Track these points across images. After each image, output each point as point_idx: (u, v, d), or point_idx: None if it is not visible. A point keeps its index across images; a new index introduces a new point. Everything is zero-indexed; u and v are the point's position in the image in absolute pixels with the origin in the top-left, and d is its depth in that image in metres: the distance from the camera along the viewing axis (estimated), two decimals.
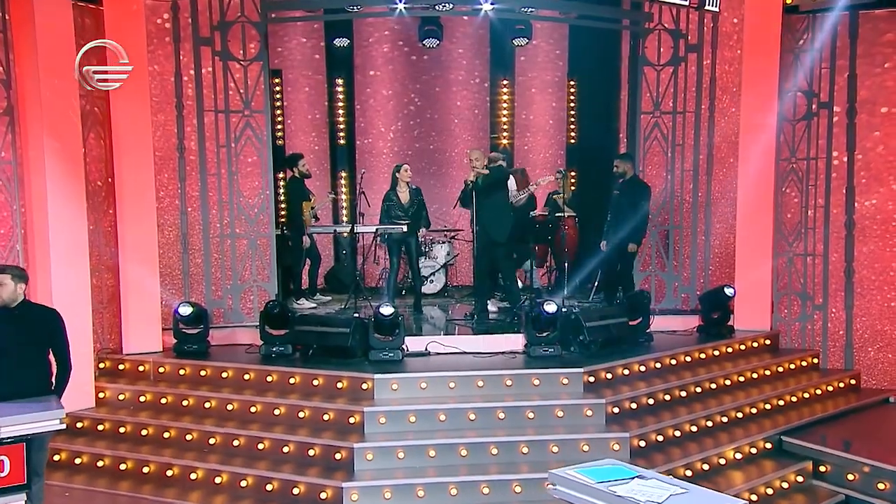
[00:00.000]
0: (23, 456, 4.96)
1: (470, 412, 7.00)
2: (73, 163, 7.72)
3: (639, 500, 3.63)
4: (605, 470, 4.05)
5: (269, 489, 6.56)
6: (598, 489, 3.81)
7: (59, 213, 7.58)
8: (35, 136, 7.55)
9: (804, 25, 9.41)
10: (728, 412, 7.70)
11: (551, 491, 4.15)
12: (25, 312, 5.58)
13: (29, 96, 7.54)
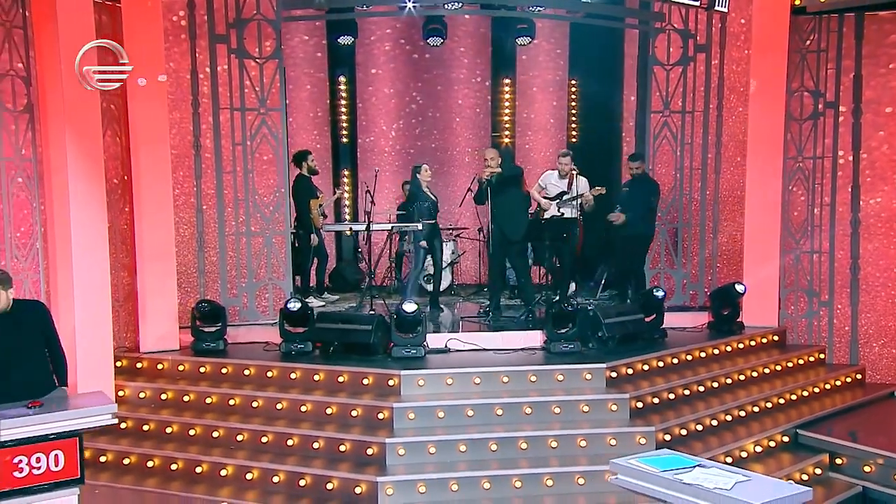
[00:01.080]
0: (76, 450, 5.07)
1: (497, 407, 7.14)
2: (94, 161, 7.75)
3: (708, 488, 3.81)
4: (664, 459, 4.23)
5: (301, 484, 6.67)
6: (665, 477, 3.99)
7: (80, 211, 7.60)
8: (56, 134, 7.58)
9: (811, 27, 9.66)
10: (744, 406, 7.91)
11: (613, 480, 4.31)
12: (16, 312, 5.59)
13: (50, 94, 7.57)
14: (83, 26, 7.59)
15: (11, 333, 5.50)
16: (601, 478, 6.61)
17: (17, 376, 5.50)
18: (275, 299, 9.14)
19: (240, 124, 8.98)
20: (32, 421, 4.95)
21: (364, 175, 12.77)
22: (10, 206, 7.47)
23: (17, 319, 5.55)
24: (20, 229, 7.58)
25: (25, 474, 4.93)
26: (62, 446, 5.03)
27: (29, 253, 7.64)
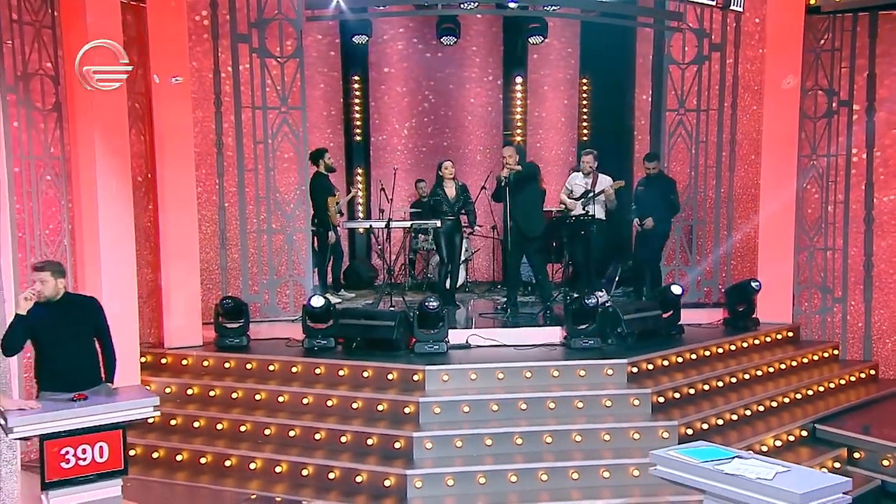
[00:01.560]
0: (120, 442, 5.20)
1: (521, 402, 7.28)
2: (121, 159, 7.89)
3: (750, 477, 3.94)
4: (703, 451, 4.37)
5: (330, 477, 6.80)
6: (706, 468, 4.12)
7: (108, 208, 7.73)
8: (84, 133, 7.70)
9: (825, 26, 9.80)
10: (762, 401, 8.06)
11: (653, 471, 4.44)
12: (68, 304, 5.71)
13: (78, 93, 7.67)
14: (111, 26, 7.72)
15: (60, 323, 5.61)
16: (626, 471, 6.78)
17: (62, 365, 5.60)
18: (295, 296, 9.27)
19: (261, 123, 9.11)
20: (78, 413, 5.09)
21: (377, 173, 12.92)
22: (40, 203, 7.56)
23: (67, 311, 5.67)
24: (49, 226, 7.68)
25: (72, 465, 5.06)
26: (106, 438, 5.17)
27: (57, 250, 7.73)
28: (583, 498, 6.58)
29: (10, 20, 7.24)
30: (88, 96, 7.64)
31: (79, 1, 7.56)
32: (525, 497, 6.58)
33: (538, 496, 6.60)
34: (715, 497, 4.16)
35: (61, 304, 5.65)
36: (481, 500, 6.54)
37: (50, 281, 5.54)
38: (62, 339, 5.62)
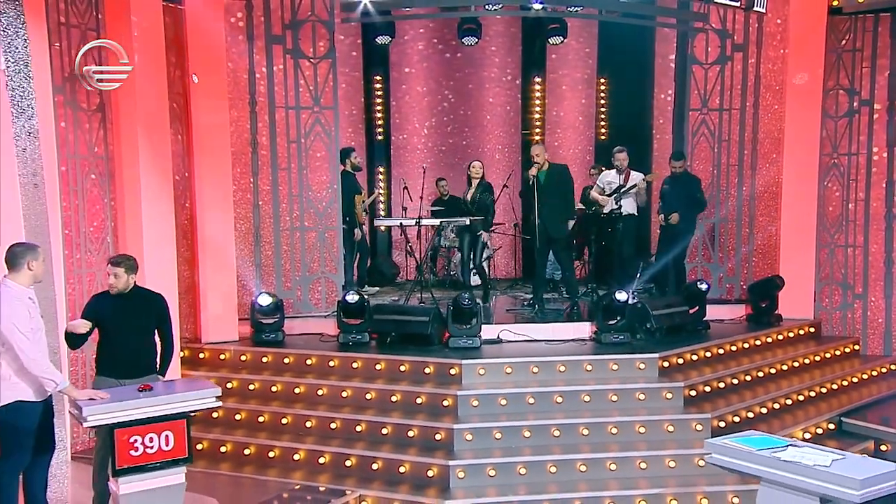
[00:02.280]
0: (184, 431, 5.38)
1: (556, 395, 7.48)
2: (163, 158, 8.11)
3: (808, 464, 4.13)
4: (756, 439, 4.57)
5: (374, 468, 7.01)
6: (763, 456, 4.31)
7: (151, 207, 7.96)
8: (128, 133, 7.91)
9: (846, 26, 10.00)
10: (789, 395, 8.27)
11: (708, 459, 4.63)
12: (136, 297, 5.93)
13: (122, 94, 7.89)
14: (153, 28, 7.96)
15: (127, 314, 5.83)
16: (662, 462, 6.99)
17: (122, 354, 5.80)
18: (327, 292, 9.46)
19: (294, 122, 9.31)
20: (146, 403, 5.27)
21: (397, 172, 13.12)
22: (85, 201, 7.76)
23: (134, 304, 5.87)
24: (93, 224, 7.87)
25: (140, 453, 5.24)
26: (172, 427, 5.34)
27: (101, 247, 7.94)
28: (620, 488, 6.78)
29: (58, 23, 7.42)
30: (132, 97, 7.87)
31: (123, 4, 7.78)
32: (565, 487, 6.78)
33: (577, 486, 6.81)
34: (772, 483, 4.35)
35: (130, 296, 5.88)
36: (522, 489, 6.74)
37: (123, 276, 5.77)
38: (126, 329, 5.82)
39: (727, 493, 6.78)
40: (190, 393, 5.47)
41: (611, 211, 9.54)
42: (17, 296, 5.19)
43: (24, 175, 6.94)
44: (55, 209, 7.21)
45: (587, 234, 9.82)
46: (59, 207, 7.25)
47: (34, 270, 5.31)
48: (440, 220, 10.46)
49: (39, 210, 7.06)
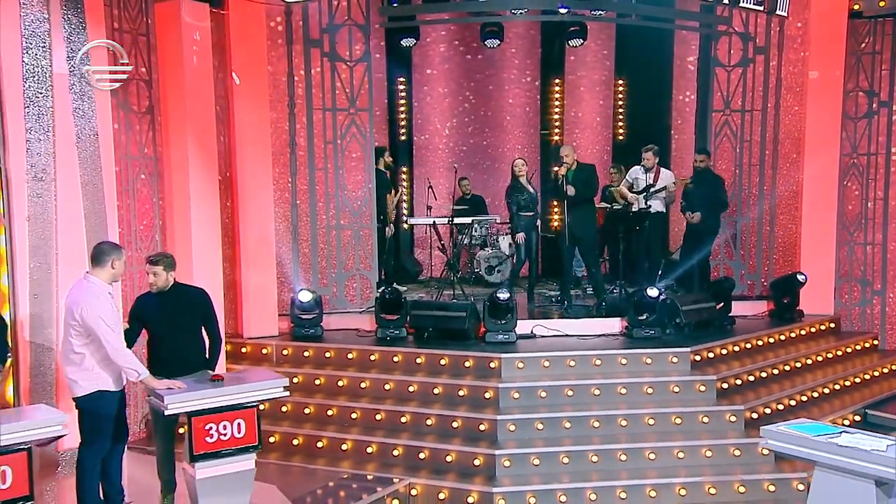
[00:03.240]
0: (255, 419, 5.64)
1: (593, 388, 7.74)
2: (209, 159, 8.36)
3: (865, 448, 4.38)
4: (810, 426, 4.83)
5: (421, 457, 7.25)
6: (819, 441, 4.56)
7: (198, 206, 8.22)
8: (177, 134, 8.16)
9: (866, 30, 10.28)
10: (816, 388, 8.54)
11: (764, 444, 4.89)
12: (178, 294, 6.08)
13: (171, 96, 8.14)
14: (201, 32, 8.19)
15: (169, 311, 5.99)
16: (698, 452, 7.26)
17: (169, 350, 5.98)
18: (362, 289, 9.71)
19: (331, 123, 9.56)
20: (221, 392, 5.53)
21: (419, 171, 13.35)
22: (135, 200, 7.99)
23: (176, 300, 6.04)
24: (142, 223, 8.11)
25: (215, 440, 5.50)
26: (244, 415, 5.60)
27: (150, 244, 8.17)
28: (660, 477, 7.04)
29: (112, 28, 7.64)
30: (181, 100, 8.13)
31: (173, 10, 8.03)
32: (606, 476, 7.03)
33: (618, 475, 7.06)
34: (828, 468, 4.58)
35: (171, 293, 6.04)
36: (566, 477, 6.99)
37: (162, 274, 5.96)
38: (173, 327, 5.99)
39: (763, 481, 7.03)
40: (260, 383, 5.74)
41: (639, 209, 9.77)
42: (100, 291, 5.44)
43: (85, 175, 7.21)
44: (112, 208, 7.47)
45: (615, 231, 10.02)
46: (115, 206, 7.49)
47: (116, 269, 5.56)
48: (471, 219, 10.68)
49: (98, 209, 7.34)
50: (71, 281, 6.78)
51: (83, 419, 5.51)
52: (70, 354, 5.49)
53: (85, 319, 5.36)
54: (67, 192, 7.08)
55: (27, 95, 6.80)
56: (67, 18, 7.02)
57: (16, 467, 4.72)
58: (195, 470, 5.50)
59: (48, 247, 7.00)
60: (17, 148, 6.77)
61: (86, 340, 5.43)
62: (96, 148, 7.30)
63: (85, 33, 7.14)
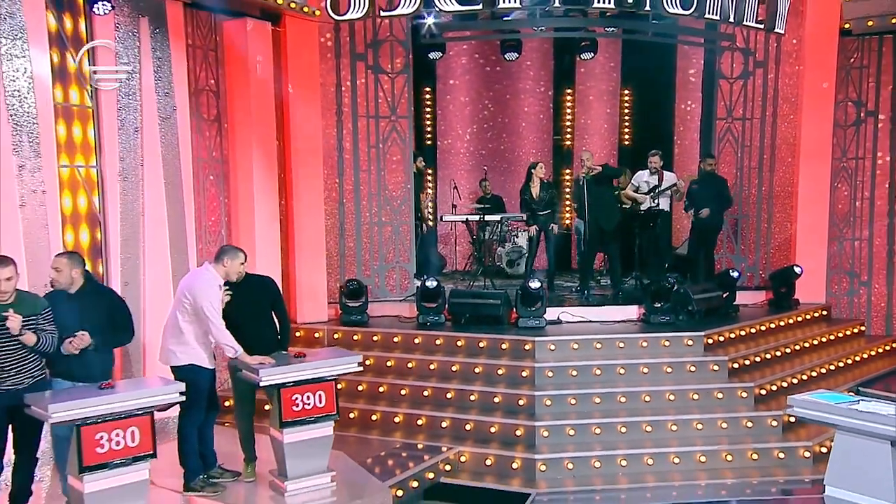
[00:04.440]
0: (333, 391, 5.94)
1: (619, 367, 8.05)
2: (270, 162, 8.67)
3: (882, 413, 4.70)
4: (830, 395, 5.15)
5: (467, 428, 7.56)
6: (842, 407, 4.88)
7: (261, 204, 8.57)
8: (241, 139, 8.48)
9: (855, 46, 10.61)
10: (814, 368, 8.86)
11: (789, 411, 5.21)
12: (250, 283, 6.28)
13: (237, 105, 8.46)
14: (264, 48, 8.49)
15: (242, 299, 6.18)
16: (714, 424, 7.58)
17: (246, 334, 6.09)
18: (401, 279, 10.02)
19: (374, 130, 9.85)
20: (305, 368, 5.85)
21: (443, 173, 13.62)
22: (205, 199, 8.30)
23: (248, 288, 6.24)
24: (211, 218, 8.42)
25: (300, 409, 5.82)
26: (324, 388, 5.92)
27: (217, 238, 8.49)
28: (681, 446, 7.36)
29: (187, 45, 7.94)
30: (245, 108, 8.45)
31: (239, 28, 8.34)
32: (633, 444, 7.36)
33: (644, 444, 7.39)
34: (848, 431, 4.91)
35: (243, 283, 6.23)
36: (597, 446, 7.31)
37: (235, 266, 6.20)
38: (247, 313, 6.19)
39: (772, 449, 7.36)
40: (338, 360, 6.06)
41: (649, 208, 10.08)
42: (214, 280, 5.77)
43: (167, 176, 7.51)
44: (190, 206, 7.78)
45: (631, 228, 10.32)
46: (192, 204, 7.80)
47: (227, 268, 5.87)
48: (500, 216, 10.99)
49: (178, 206, 7.65)
50: (156, 269, 7.18)
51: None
52: (174, 329, 5.82)
53: (196, 300, 5.68)
54: (152, 191, 7.40)
55: (119, 106, 7.09)
56: (154, 37, 7.32)
57: (142, 428, 5.00)
58: (283, 435, 5.81)
59: (136, 239, 7.32)
60: (110, 152, 7.07)
61: (191, 319, 5.75)
62: (177, 152, 7.61)
63: (168, 50, 7.45)
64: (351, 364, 6.10)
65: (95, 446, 4.82)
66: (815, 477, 7.01)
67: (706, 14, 9.44)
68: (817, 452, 7.39)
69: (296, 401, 5.80)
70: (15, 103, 6.23)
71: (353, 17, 9.08)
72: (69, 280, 5.51)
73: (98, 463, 4.84)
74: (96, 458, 4.83)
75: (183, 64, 7.67)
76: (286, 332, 6.48)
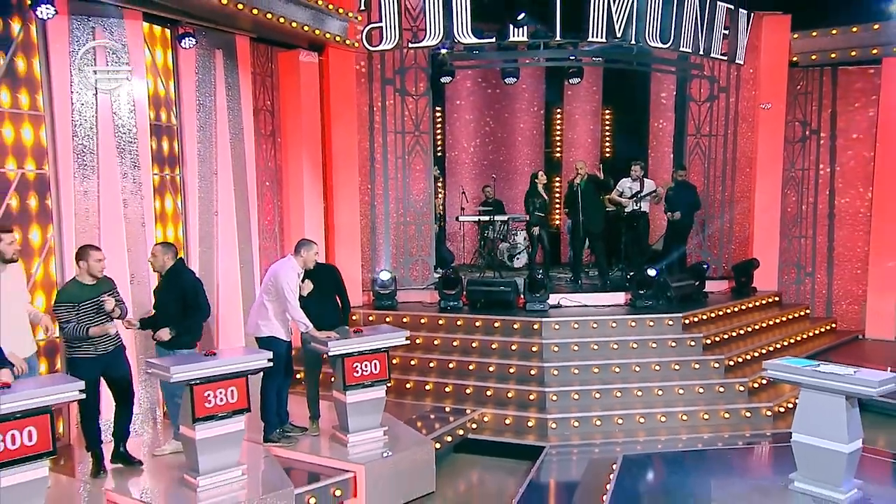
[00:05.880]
0: (386, 360, 6.29)
1: (612, 343, 8.42)
2: (317, 170, 9.00)
3: (841, 374, 5.11)
4: (795, 360, 5.56)
5: (488, 394, 7.91)
6: (807, 370, 5.29)
7: (310, 207, 8.90)
8: (293, 151, 8.82)
9: (801, 76, 11.07)
10: (771, 344, 9.27)
11: (764, 373, 5.61)
12: (319, 269, 6.62)
13: (288, 123, 8.78)
14: (311, 74, 8.82)
15: (315, 283, 6.54)
16: (692, 389, 7.98)
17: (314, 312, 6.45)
18: (422, 270, 10.37)
19: (400, 143, 10.18)
20: (365, 341, 6.20)
21: (450, 181, 13.93)
22: (262, 202, 8.60)
23: (319, 274, 6.62)
24: (267, 218, 8.73)
25: (360, 374, 6.17)
26: (379, 357, 6.27)
27: (272, 235, 8.81)
28: (665, 406, 7.74)
29: (249, 72, 8.25)
30: (296, 125, 8.77)
31: (292, 57, 8.66)
32: (625, 406, 7.74)
33: (634, 405, 7.77)
34: (811, 388, 5.31)
35: (314, 270, 6.59)
36: (597, 407, 7.69)
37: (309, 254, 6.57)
38: (318, 293, 6.58)
39: (740, 409, 7.76)
40: (390, 334, 6.42)
41: (632, 210, 10.48)
42: (293, 268, 6.12)
43: (237, 182, 7.83)
44: (253, 208, 8.10)
45: (617, 228, 10.71)
46: (256, 206, 8.12)
47: (303, 257, 6.22)
48: (508, 216, 11.36)
49: (244, 208, 7.97)
50: (228, 261, 7.51)
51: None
52: (260, 307, 6.21)
53: (278, 283, 6.04)
54: (224, 195, 7.70)
55: (199, 124, 7.41)
56: (226, 66, 7.63)
57: (239, 388, 5.37)
58: (346, 396, 6.16)
59: (211, 235, 7.62)
60: (191, 162, 7.38)
61: (272, 298, 6.11)
62: (243, 162, 7.92)
63: (237, 76, 7.76)
64: (400, 338, 6.45)
65: (205, 401, 5.17)
66: (775, 431, 7.48)
67: (681, 47, 9.85)
68: (776, 412, 7.80)
69: (356, 368, 6.14)
70: (120, 123, 6.54)
71: (384, 48, 9.42)
72: (162, 264, 6.00)
73: (206, 415, 5.20)
74: (205, 411, 5.19)
75: (248, 88, 7.98)
76: (347, 312, 6.84)
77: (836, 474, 5.27)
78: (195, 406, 5.08)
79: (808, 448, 5.40)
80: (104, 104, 6.42)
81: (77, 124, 6.31)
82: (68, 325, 5.33)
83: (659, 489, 6.13)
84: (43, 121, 6.14)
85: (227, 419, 5.26)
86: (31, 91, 6.06)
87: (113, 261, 6.03)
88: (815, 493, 5.38)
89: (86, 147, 6.38)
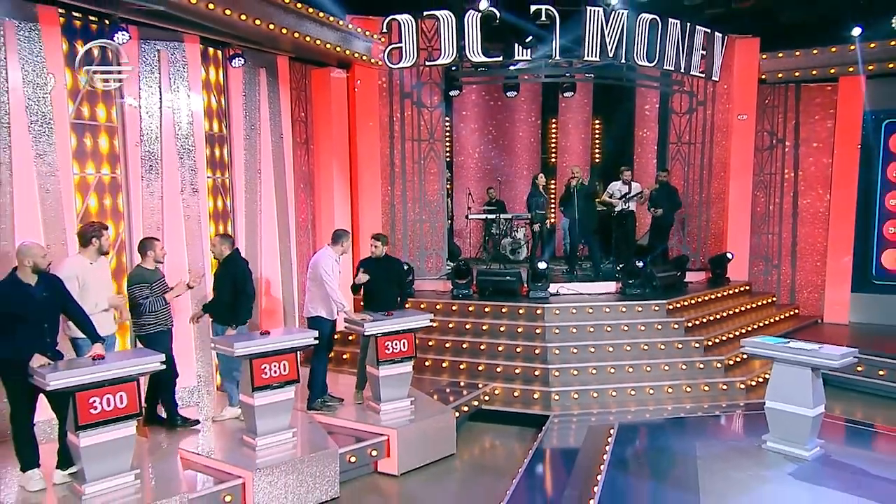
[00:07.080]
0: (413, 339, 6.52)
1: (605, 326, 8.66)
2: (345, 174, 9.20)
3: (807, 349, 5.37)
4: (769, 339, 5.80)
5: (498, 371, 8.15)
6: (779, 346, 5.54)
7: (339, 207, 9.09)
8: (324, 157, 9.01)
9: (769, 91, 11.30)
10: (743, 327, 9.51)
11: (742, 350, 5.86)
12: (387, 261, 6.95)
13: (320, 132, 8.97)
14: (340, 89, 9.01)
15: (382, 271, 6.84)
16: (676, 366, 8.23)
17: (380, 297, 6.82)
18: (436, 262, 10.58)
19: (417, 150, 10.38)
20: (395, 322, 6.44)
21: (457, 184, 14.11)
22: (298, 201, 8.81)
23: (386, 265, 6.91)
24: (301, 216, 8.94)
25: (391, 351, 6.40)
26: (407, 337, 6.50)
27: (306, 231, 9.02)
28: (653, 381, 8.01)
29: (288, 87, 8.46)
30: (327, 134, 8.96)
31: (324, 74, 8.86)
32: (619, 381, 8.00)
33: (626, 380, 8.03)
34: (783, 362, 5.57)
35: (382, 260, 6.90)
36: (594, 382, 7.94)
37: (381, 247, 6.84)
38: (383, 281, 6.83)
39: (718, 383, 8.04)
40: (417, 317, 6.64)
41: (621, 210, 10.72)
42: (329, 255, 6.36)
43: (277, 184, 8.04)
44: (291, 207, 8.31)
45: (608, 226, 10.94)
46: (294, 205, 8.33)
47: (342, 247, 6.45)
48: (512, 215, 11.58)
49: (284, 205, 8.18)
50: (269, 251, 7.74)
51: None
52: (309, 291, 6.47)
53: (318, 267, 6.28)
54: (266, 195, 7.92)
55: (245, 133, 7.62)
56: (269, 82, 7.84)
57: (290, 362, 5.62)
58: (379, 371, 6.39)
59: (255, 231, 7.85)
60: (238, 167, 7.60)
61: (316, 283, 6.35)
62: (283, 167, 8.13)
63: (277, 91, 7.97)
64: (424, 321, 6.68)
65: (262, 373, 5.41)
66: (748, 401, 7.74)
67: (665, 66, 10.07)
68: (748, 385, 8.07)
69: (388, 346, 6.37)
70: (180, 132, 6.75)
71: (404, 65, 9.61)
72: (220, 251, 6.30)
73: (263, 385, 5.44)
74: (262, 381, 5.44)
75: (287, 101, 8.18)
76: (404, 300, 7.18)
77: (803, 435, 5.53)
78: (254, 377, 5.32)
79: (778, 413, 5.65)
80: (167, 116, 6.63)
81: (144, 134, 6.52)
82: (146, 300, 5.58)
83: (651, 451, 6.38)
84: (116, 131, 6.34)
85: (280, 389, 5.50)
86: (108, 105, 6.26)
87: (173, 255, 6.26)
88: (785, 450, 5.64)
89: (152, 154, 6.59)
